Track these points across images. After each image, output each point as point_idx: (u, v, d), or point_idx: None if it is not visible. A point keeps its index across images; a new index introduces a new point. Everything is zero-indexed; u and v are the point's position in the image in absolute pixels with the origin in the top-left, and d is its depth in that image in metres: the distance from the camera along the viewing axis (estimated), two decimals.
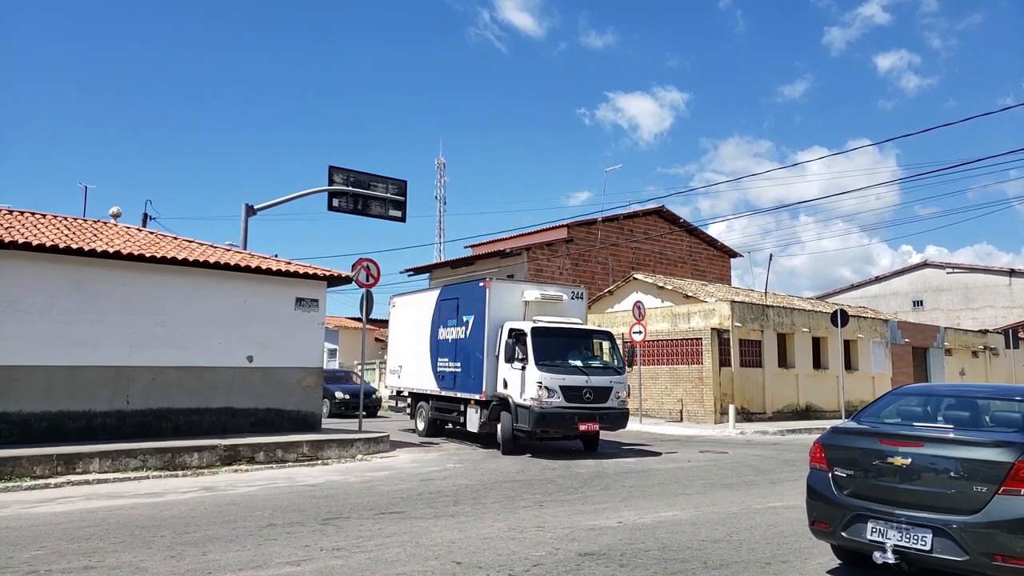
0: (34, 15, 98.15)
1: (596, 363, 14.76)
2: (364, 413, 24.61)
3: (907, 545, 5.12)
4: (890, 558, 5.17)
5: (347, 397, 24.92)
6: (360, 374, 31.18)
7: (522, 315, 15.22)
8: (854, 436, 5.81)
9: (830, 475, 5.77)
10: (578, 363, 14.37)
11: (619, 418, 14.57)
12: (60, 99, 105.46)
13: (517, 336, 14.42)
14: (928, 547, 5.02)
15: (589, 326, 15.94)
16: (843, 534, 5.56)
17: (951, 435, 5.31)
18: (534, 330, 14.33)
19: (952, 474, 5.09)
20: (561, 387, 13.86)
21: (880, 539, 5.26)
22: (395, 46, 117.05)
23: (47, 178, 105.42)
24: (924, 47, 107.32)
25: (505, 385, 14.49)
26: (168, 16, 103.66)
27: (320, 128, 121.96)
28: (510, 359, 14.27)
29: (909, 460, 5.26)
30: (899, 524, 5.19)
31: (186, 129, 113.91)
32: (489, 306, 15.09)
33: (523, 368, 14.01)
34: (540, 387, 13.73)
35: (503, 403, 14.51)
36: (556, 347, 14.37)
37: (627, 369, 15.15)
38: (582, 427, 14.02)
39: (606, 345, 15.31)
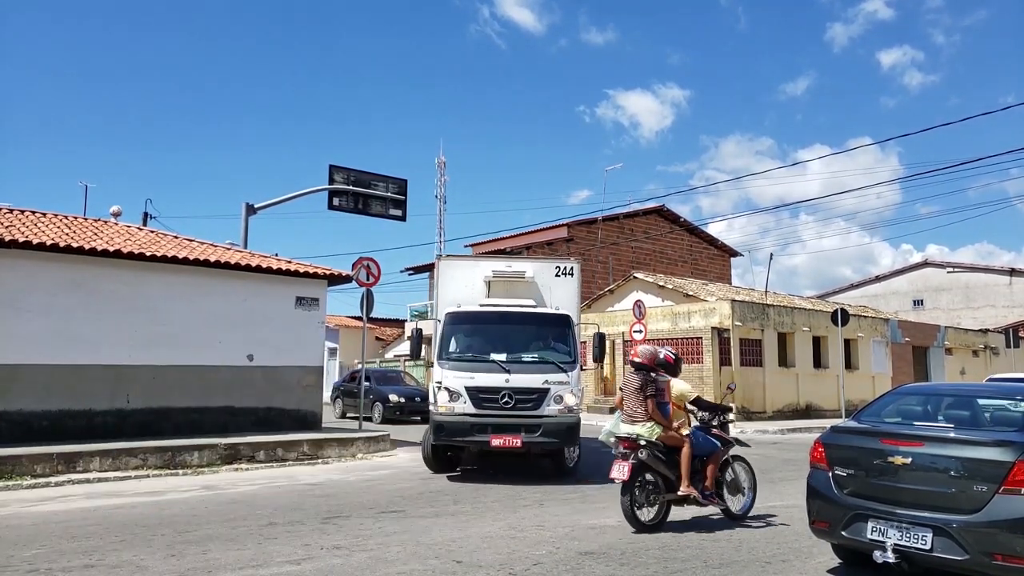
0: (34, 17, 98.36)
1: (529, 357, 10.98)
2: (419, 418, 22.71)
3: (907, 544, 5.13)
4: (890, 557, 5.18)
5: (402, 400, 22.51)
6: (410, 373, 30.79)
7: (485, 298, 11.96)
8: (854, 435, 5.82)
9: (830, 474, 5.77)
10: (501, 357, 10.79)
11: (559, 431, 10.56)
12: (61, 98, 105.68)
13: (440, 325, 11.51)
14: (928, 546, 5.03)
15: (540, 309, 11.67)
16: (843, 533, 5.57)
17: (951, 434, 5.32)
18: (448, 316, 11.33)
19: (952, 473, 5.10)
20: (467, 388, 10.54)
21: (880, 538, 5.27)
22: (395, 43, 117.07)
23: (48, 177, 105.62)
24: (928, 43, 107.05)
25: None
26: (168, 16, 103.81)
27: (320, 127, 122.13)
28: (416, 354, 11.69)
29: (909, 459, 5.27)
30: (899, 523, 5.20)
31: (186, 128, 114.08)
32: (438, 289, 12.01)
33: (431, 366, 11.26)
34: (440, 389, 10.71)
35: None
36: (478, 337, 11.23)
37: (592, 364, 11.93)
38: (495, 442, 10.40)
39: (558, 333, 11.35)
